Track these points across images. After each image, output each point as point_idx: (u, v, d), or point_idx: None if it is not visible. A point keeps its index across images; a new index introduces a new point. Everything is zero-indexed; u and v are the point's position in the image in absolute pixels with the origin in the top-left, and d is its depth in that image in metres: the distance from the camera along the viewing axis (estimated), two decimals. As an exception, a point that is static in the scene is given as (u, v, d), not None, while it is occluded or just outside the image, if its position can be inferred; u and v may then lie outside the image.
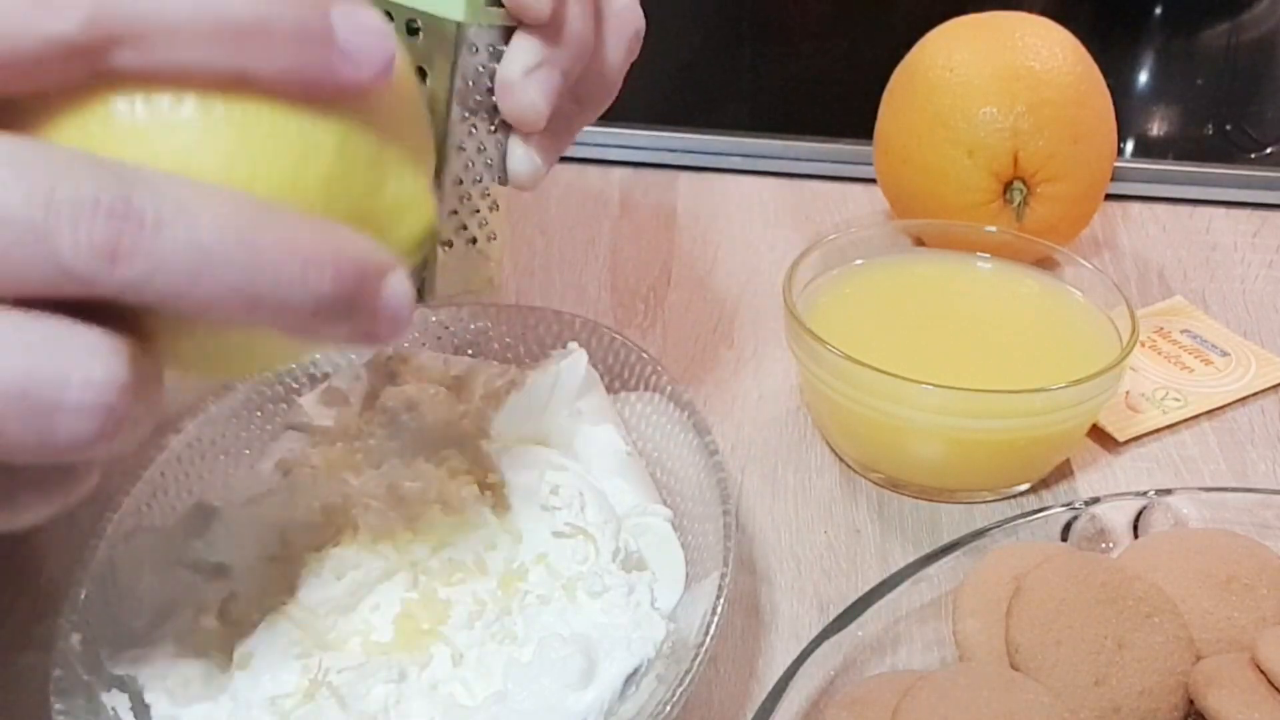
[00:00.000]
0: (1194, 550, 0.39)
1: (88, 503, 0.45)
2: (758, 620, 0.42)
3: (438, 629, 0.36)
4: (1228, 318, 0.56)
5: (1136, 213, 0.64)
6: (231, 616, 0.37)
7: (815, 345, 0.44)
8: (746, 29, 0.86)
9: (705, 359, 0.54)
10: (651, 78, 0.81)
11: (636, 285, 0.58)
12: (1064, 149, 0.53)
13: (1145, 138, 0.73)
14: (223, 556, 0.38)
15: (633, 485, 0.41)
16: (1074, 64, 0.54)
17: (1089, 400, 0.44)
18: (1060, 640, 0.36)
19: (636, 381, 0.46)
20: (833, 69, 0.80)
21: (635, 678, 0.36)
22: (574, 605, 0.37)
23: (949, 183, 0.55)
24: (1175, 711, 0.35)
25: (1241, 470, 0.48)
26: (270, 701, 0.34)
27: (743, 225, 0.63)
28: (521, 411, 0.42)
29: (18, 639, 0.40)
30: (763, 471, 0.48)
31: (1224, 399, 0.51)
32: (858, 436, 0.47)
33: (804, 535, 0.45)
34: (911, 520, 0.46)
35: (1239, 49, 0.86)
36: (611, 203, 0.65)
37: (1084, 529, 0.41)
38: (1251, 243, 0.62)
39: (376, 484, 0.40)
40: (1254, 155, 0.69)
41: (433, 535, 0.39)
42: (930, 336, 0.48)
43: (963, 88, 0.54)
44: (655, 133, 0.68)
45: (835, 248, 0.50)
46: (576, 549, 0.39)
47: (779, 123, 0.70)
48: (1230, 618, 0.37)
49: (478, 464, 0.41)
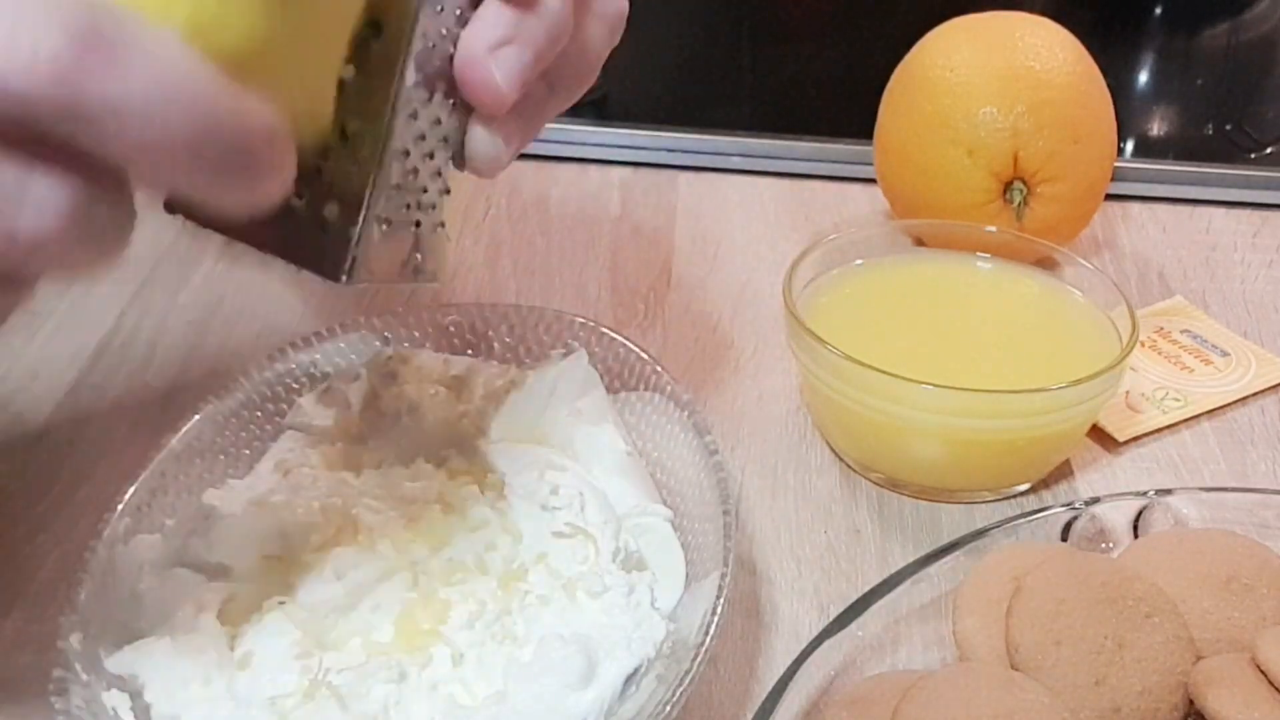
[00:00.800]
0: (1194, 550, 0.39)
1: (88, 503, 0.45)
2: (758, 620, 0.42)
3: (438, 629, 0.36)
4: (1228, 318, 0.56)
5: (1136, 213, 0.64)
6: (231, 616, 0.37)
7: (815, 345, 0.44)
8: (746, 29, 0.86)
9: (705, 359, 0.54)
10: (651, 78, 0.81)
11: (636, 285, 0.58)
12: (1064, 149, 0.53)
13: (1145, 138, 0.73)
14: (223, 556, 0.38)
15: (633, 485, 0.41)
16: (1074, 64, 0.54)
17: (1089, 400, 0.44)
18: (1060, 640, 0.36)
19: (636, 381, 0.46)
20: (833, 69, 0.80)
21: (635, 678, 0.36)
22: (574, 605, 0.37)
23: (949, 183, 0.55)
24: (1175, 711, 0.35)
25: (1241, 470, 0.48)
26: (270, 701, 0.34)
27: (743, 225, 0.63)
28: (521, 411, 0.42)
29: (18, 639, 0.40)
30: (763, 471, 0.48)
31: (1224, 399, 0.51)
32: (858, 436, 0.47)
33: (804, 535, 0.45)
34: (911, 520, 0.46)
35: (1239, 49, 0.86)
36: (611, 203, 0.65)
37: (1084, 529, 0.41)
38: (1251, 243, 0.62)
39: (376, 484, 0.40)
40: (1254, 155, 0.69)
41: (433, 535, 0.39)
42: (930, 336, 0.48)
43: (963, 88, 0.54)
44: (655, 133, 0.68)
45: (835, 248, 0.50)
46: (576, 549, 0.39)
47: (779, 123, 0.70)
48: (1230, 618, 0.37)
49: (478, 464, 0.41)
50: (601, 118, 0.70)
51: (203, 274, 0.58)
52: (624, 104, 0.74)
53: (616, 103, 0.74)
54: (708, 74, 0.80)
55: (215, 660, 0.35)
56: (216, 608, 0.37)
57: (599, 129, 0.68)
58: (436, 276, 0.36)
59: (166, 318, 0.55)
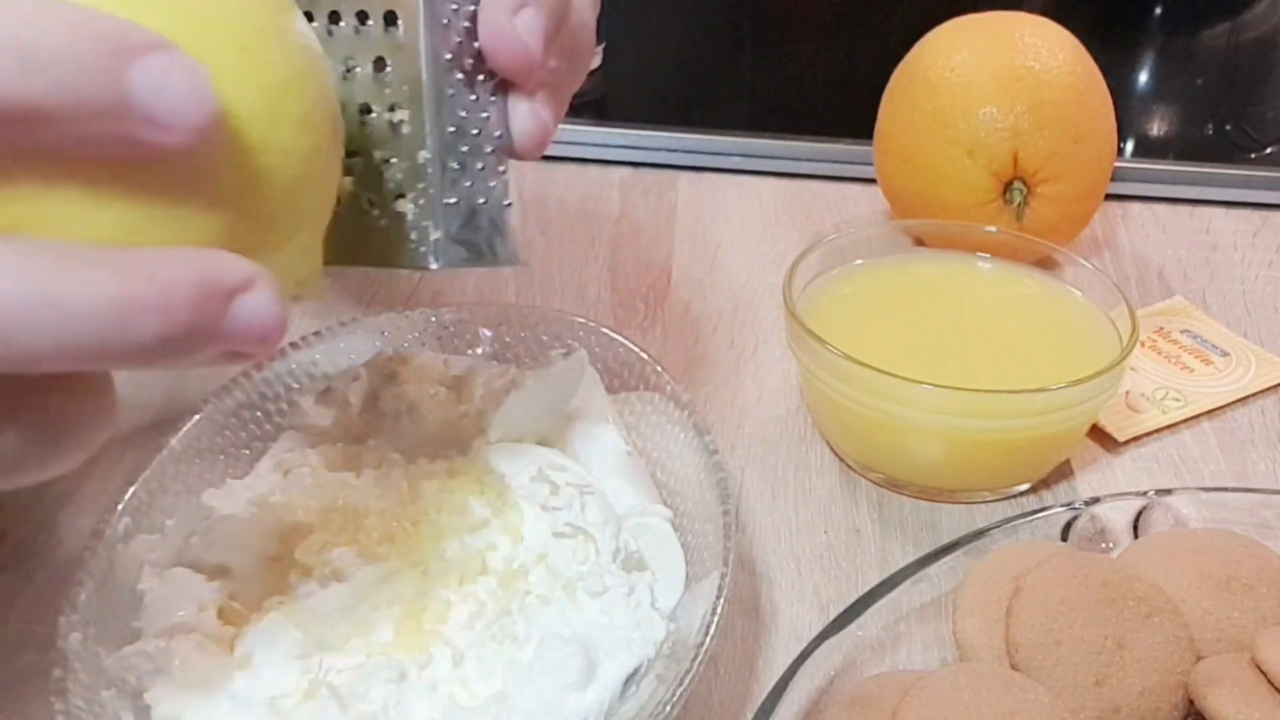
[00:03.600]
0: (1194, 550, 0.39)
1: (88, 503, 0.45)
2: (758, 620, 0.42)
3: (438, 629, 0.36)
4: (1228, 318, 0.56)
5: (1136, 213, 0.64)
6: (231, 616, 0.37)
7: (815, 345, 0.44)
8: (746, 29, 0.86)
9: (705, 359, 0.54)
10: (651, 78, 0.81)
11: (636, 285, 0.58)
12: (1064, 149, 0.53)
13: (1145, 138, 0.73)
14: (223, 556, 0.38)
15: (633, 485, 0.41)
16: (1074, 64, 0.54)
17: (1089, 400, 0.44)
18: (1060, 640, 0.36)
19: (636, 381, 0.46)
20: (833, 69, 0.80)
21: (635, 678, 0.36)
22: (574, 605, 0.37)
23: (949, 183, 0.55)
24: (1175, 711, 0.35)
25: (1241, 470, 0.48)
26: (270, 701, 0.34)
27: (743, 225, 0.63)
28: (521, 411, 0.42)
29: (18, 639, 0.40)
30: (763, 471, 0.48)
31: (1224, 399, 0.51)
32: (858, 436, 0.47)
33: (804, 535, 0.45)
34: (911, 520, 0.46)
35: (1239, 49, 0.86)
36: (611, 203, 0.65)
37: (1084, 529, 0.41)
38: (1251, 243, 0.62)
39: (376, 484, 0.40)
40: (1254, 155, 0.69)
41: (433, 535, 0.39)
42: (930, 336, 0.48)
43: (963, 88, 0.54)
44: (655, 133, 0.68)
45: (835, 248, 0.50)
46: (576, 549, 0.39)
47: (779, 123, 0.70)
48: (1230, 618, 0.37)
49: (478, 464, 0.41)
50: (601, 118, 0.70)
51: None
52: (624, 104, 0.74)
53: (616, 103, 0.74)
54: (708, 74, 0.80)
55: (215, 660, 0.35)
56: (216, 608, 0.37)
57: (599, 129, 0.68)
58: (517, 258, 0.37)
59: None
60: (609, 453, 0.42)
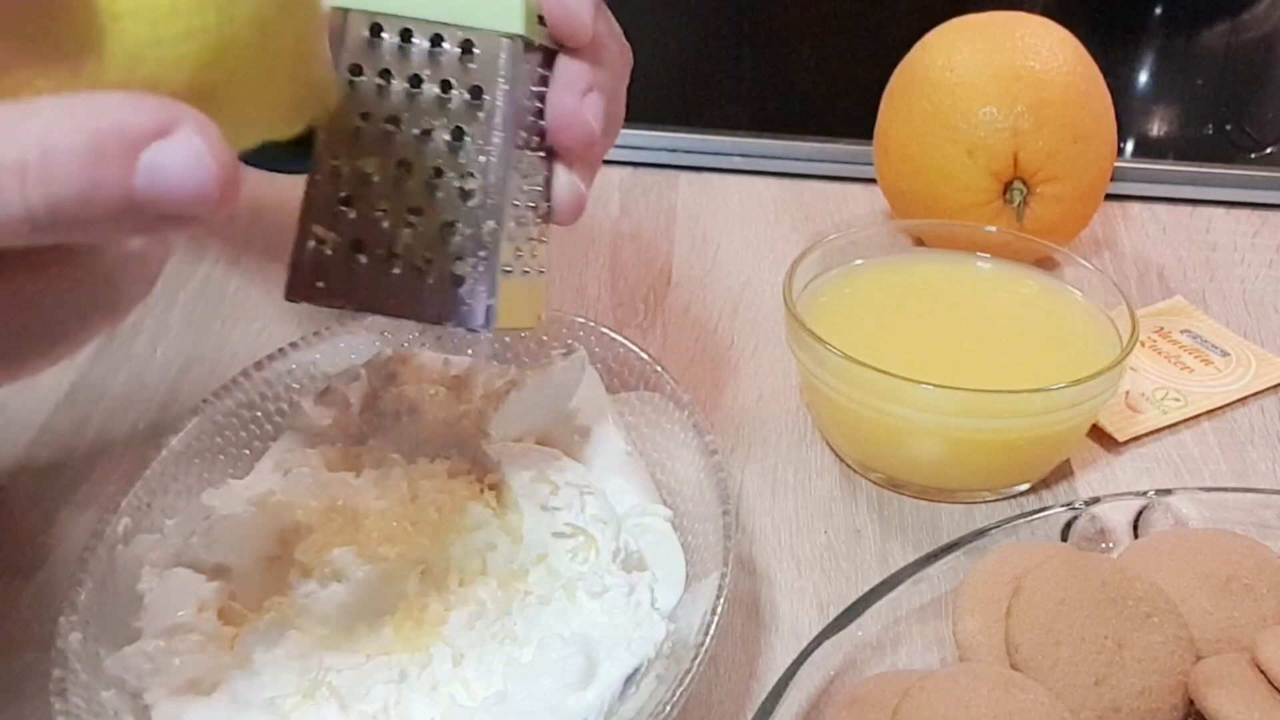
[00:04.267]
0: (1194, 550, 0.39)
1: (88, 503, 0.45)
2: (758, 620, 0.42)
3: (438, 629, 0.36)
4: (1228, 318, 0.56)
5: (1136, 213, 0.64)
6: (231, 616, 0.37)
7: (815, 345, 0.44)
8: (746, 29, 0.86)
9: (705, 359, 0.54)
10: (651, 78, 0.81)
11: (636, 285, 0.58)
12: (1064, 149, 0.53)
13: (1145, 138, 0.73)
14: (223, 556, 0.38)
15: (633, 485, 0.41)
16: (1074, 64, 0.54)
17: (1089, 400, 0.44)
18: (1060, 640, 0.36)
19: (636, 381, 0.46)
20: (833, 69, 0.80)
21: (635, 678, 0.36)
22: (574, 605, 0.37)
23: (949, 183, 0.55)
24: (1175, 711, 0.35)
25: (1241, 470, 0.48)
26: (270, 701, 0.34)
27: (743, 225, 0.63)
28: (521, 411, 0.42)
29: (18, 639, 0.40)
30: (763, 471, 0.48)
31: (1224, 399, 0.51)
32: (858, 436, 0.47)
33: (804, 535, 0.45)
34: (911, 520, 0.46)
35: (1239, 49, 0.86)
36: (611, 203, 0.65)
37: (1084, 529, 0.41)
38: (1251, 243, 0.62)
39: (376, 484, 0.40)
40: (1254, 155, 0.69)
41: (433, 535, 0.39)
42: (930, 336, 0.48)
43: (963, 88, 0.54)
44: (655, 133, 0.68)
45: (835, 248, 0.50)
46: (576, 549, 0.39)
47: (779, 123, 0.70)
48: (1230, 618, 0.37)
49: (478, 464, 0.41)
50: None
51: (203, 274, 0.58)
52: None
53: (616, 103, 0.74)
54: (708, 74, 0.80)
55: (215, 660, 0.35)
56: (216, 608, 0.37)
57: (599, 129, 0.68)
58: (540, 319, 0.39)
59: (166, 318, 0.55)
60: (609, 453, 0.42)
